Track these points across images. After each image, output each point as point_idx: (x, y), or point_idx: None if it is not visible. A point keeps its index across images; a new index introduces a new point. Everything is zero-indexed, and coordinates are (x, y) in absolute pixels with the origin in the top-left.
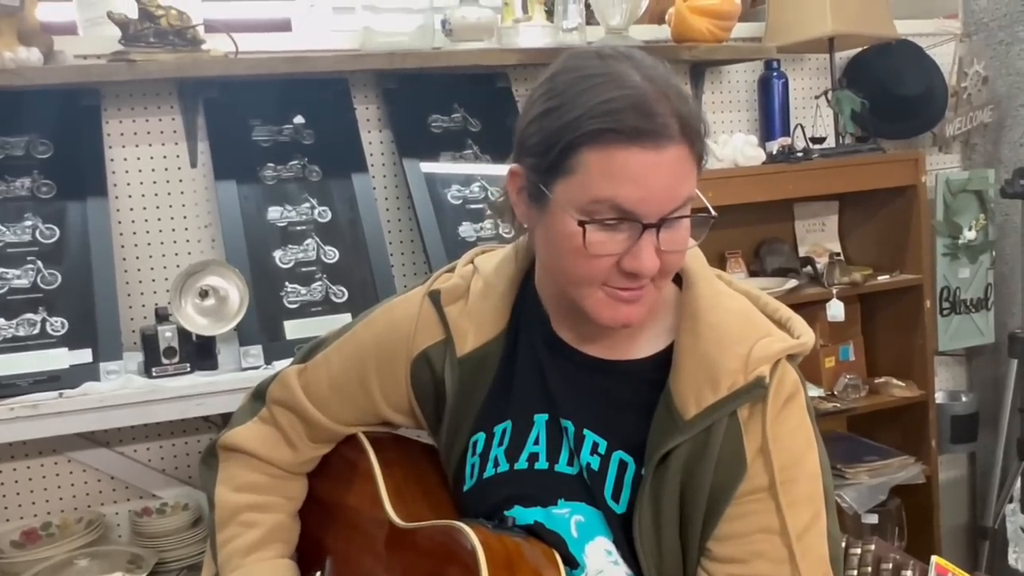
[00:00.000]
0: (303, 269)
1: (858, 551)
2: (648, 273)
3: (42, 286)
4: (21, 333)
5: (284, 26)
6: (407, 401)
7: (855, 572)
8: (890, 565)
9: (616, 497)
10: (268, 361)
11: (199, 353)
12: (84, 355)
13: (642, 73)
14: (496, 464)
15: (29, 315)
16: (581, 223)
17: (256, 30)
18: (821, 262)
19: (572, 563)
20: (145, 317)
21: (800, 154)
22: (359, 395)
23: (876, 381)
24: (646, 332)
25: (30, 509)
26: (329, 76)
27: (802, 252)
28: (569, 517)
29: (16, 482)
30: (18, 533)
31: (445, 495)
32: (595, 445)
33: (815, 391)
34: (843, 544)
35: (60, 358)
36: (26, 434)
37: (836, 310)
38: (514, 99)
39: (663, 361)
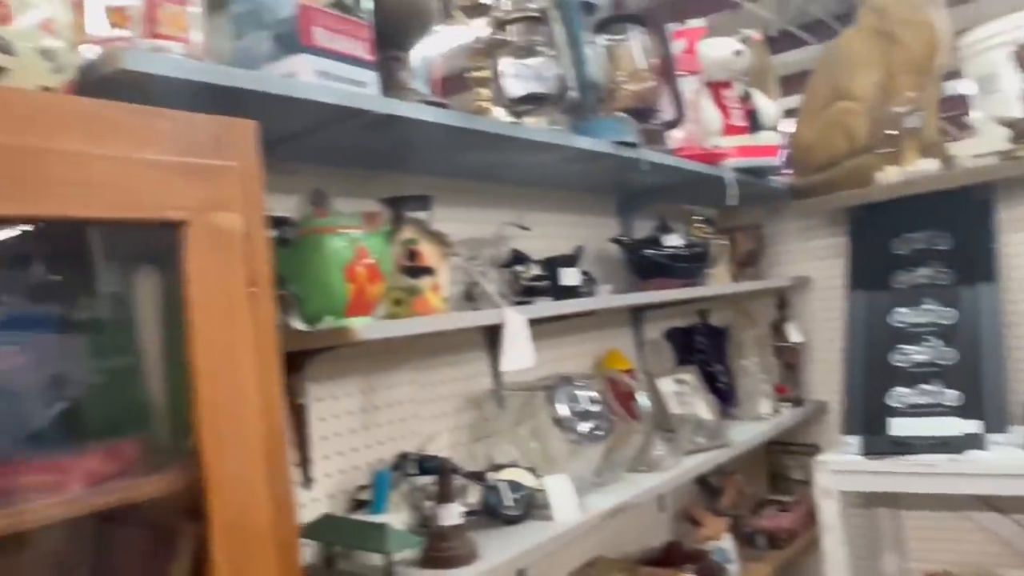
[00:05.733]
0: None
1: None
2: None
3: (938, 361)
4: (920, 401)
5: None
6: None
7: None
8: None
9: None
10: None
11: None
12: (974, 425)
13: None
14: None
15: (926, 386)
16: None
17: None
18: None
19: None
20: None
21: None
22: None
23: None
24: None
25: (930, 556)
26: None
27: None
28: None
29: (921, 529)
30: (921, 573)
31: None
32: None
33: None
34: None
35: (952, 426)
36: (920, 488)
37: None
38: None
39: None
